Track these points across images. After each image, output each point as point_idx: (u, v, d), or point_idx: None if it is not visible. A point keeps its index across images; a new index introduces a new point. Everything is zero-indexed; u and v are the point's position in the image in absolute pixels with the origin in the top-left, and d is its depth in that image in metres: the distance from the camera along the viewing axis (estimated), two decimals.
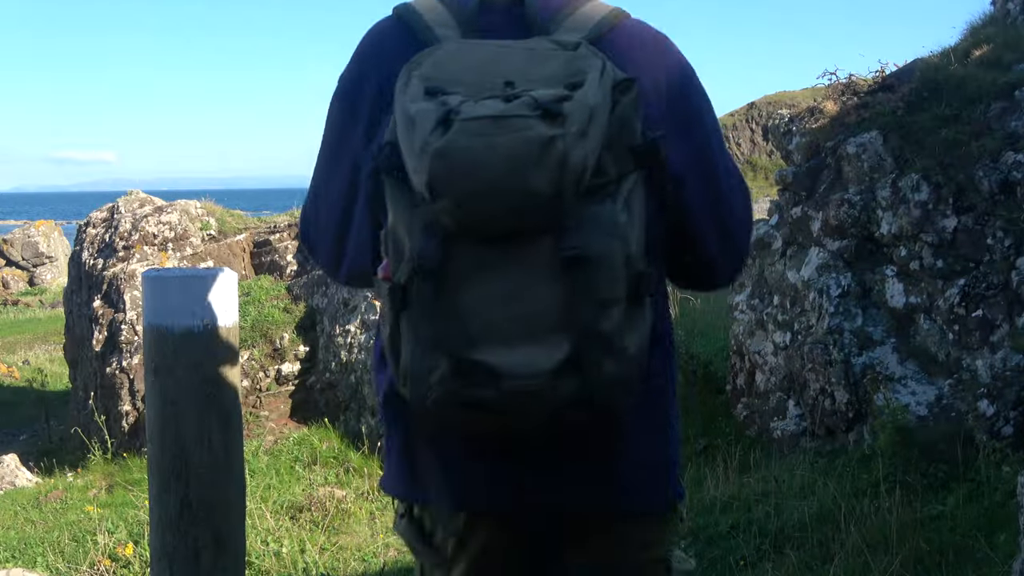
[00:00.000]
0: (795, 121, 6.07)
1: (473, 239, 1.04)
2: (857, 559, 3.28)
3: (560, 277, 1.04)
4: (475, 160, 1.00)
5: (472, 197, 1.01)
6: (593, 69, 1.08)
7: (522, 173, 1.00)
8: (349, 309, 6.29)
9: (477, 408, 1.05)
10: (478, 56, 1.12)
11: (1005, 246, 4.25)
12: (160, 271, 1.77)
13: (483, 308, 1.05)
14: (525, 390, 1.03)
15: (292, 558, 4.19)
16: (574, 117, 1.02)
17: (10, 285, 22.09)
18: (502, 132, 1.00)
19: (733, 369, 5.90)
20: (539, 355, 1.04)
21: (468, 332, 1.04)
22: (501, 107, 1.02)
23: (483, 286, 1.05)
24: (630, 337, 1.08)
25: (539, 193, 1.01)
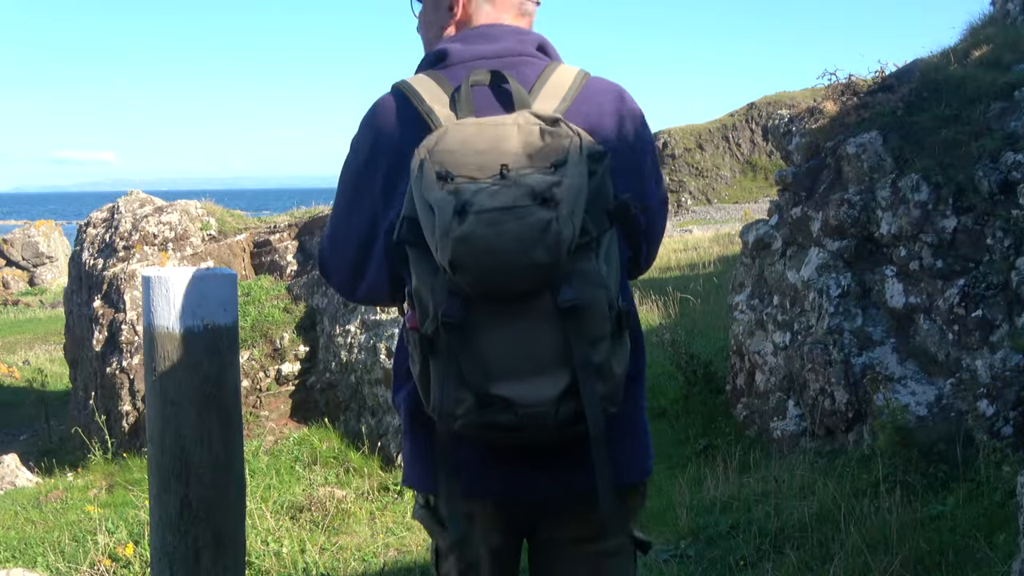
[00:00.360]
0: (795, 121, 6.07)
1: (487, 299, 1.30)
2: (857, 559, 3.28)
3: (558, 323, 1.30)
4: (490, 245, 1.25)
5: (489, 272, 1.27)
6: (573, 148, 1.33)
7: (527, 251, 1.25)
8: (349, 309, 6.29)
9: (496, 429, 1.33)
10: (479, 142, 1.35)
11: (1005, 246, 4.25)
12: (160, 271, 1.77)
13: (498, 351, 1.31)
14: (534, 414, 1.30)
15: (292, 558, 4.19)
16: (565, 200, 1.27)
17: (10, 285, 22.09)
18: (509, 220, 1.25)
19: (733, 369, 5.90)
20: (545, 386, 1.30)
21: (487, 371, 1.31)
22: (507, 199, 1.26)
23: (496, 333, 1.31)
24: (617, 363, 1.35)
25: (541, 264, 1.26)
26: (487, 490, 1.51)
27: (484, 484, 1.50)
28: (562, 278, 1.29)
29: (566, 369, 1.31)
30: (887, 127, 5.07)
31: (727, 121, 43.87)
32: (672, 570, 3.70)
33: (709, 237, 20.89)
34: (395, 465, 5.55)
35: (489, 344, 1.31)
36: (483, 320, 1.31)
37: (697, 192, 42.79)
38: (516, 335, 1.31)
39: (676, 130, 44.56)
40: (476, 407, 1.32)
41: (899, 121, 5.05)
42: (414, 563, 4.17)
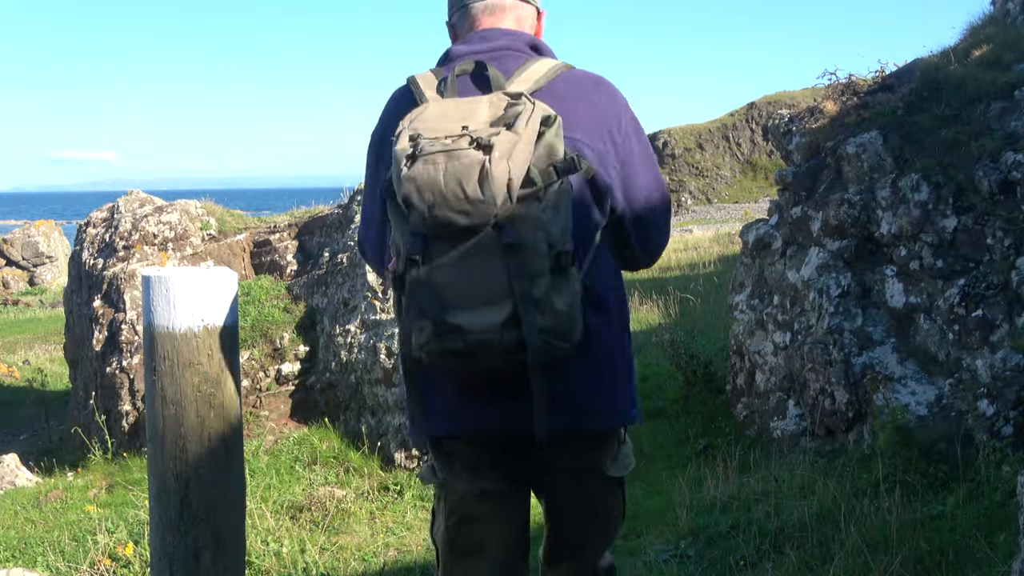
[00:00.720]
0: (795, 121, 6.07)
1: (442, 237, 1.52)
2: (857, 559, 3.28)
3: (503, 260, 1.51)
4: (431, 180, 1.49)
5: (433, 206, 1.49)
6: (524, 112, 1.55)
7: (462, 185, 1.47)
8: (349, 309, 6.29)
9: (452, 355, 1.54)
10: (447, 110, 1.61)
11: (1005, 246, 4.25)
12: (160, 271, 1.77)
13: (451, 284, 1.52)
14: (482, 340, 1.52)
15: (292, 558, 4.19)
16: (498, 146, 1.49)
17: (10, 285, 22.09)
18: (449, 160, 1.49)
19: (733, 369, 5.90)
20: (491, 314, 1.51)
21: (442, 302, 1.53)
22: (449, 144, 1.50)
23: (451, 269, 1.53)
24: (558, 298, 1.54)
25: (475, 199, 1.47)
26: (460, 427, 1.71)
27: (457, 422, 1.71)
28: (507, 220, 1.51)
29: (509, 300, 1.52)
30: (887, 127, 5.07)
31: (727, 121, 43.82)
32: (672, 570, 3.70)
33: (709, 237, 20.88)
34: (395, 465, 5.55)
35: (444, 278, 1.53)
36: (439, 256, 1.54)
37: (697, 192, 42.79)
38: (467, 270, 1.53)
39: (676, 130, 44.54)
40: (434, 335, 1.53)
41: (899, 121, 5.05)
42: (414, 563, 4.17)
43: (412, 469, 5.48)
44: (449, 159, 1.50)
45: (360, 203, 7.05)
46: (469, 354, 1.53)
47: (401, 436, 5.61)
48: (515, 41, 1.82)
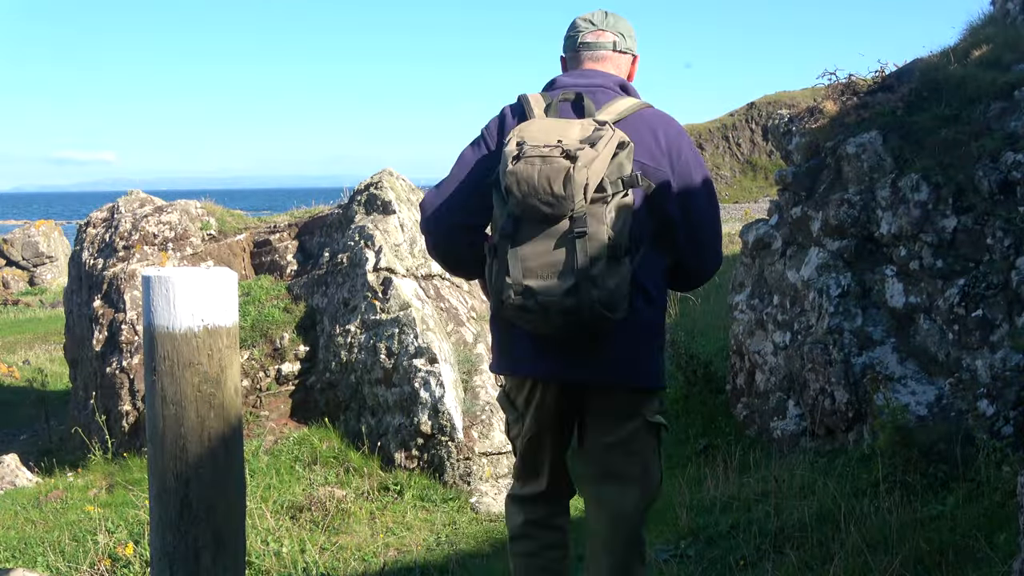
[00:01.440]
0: (795, 121, 6.07)
1: (530, 220, 2.06)
2: (857, 559, 3.28)
3: (571, 242, 2.03)
4: (528, 176, 2.02)
5: (527, 196, 2.03)
6: (607, 136, 2.07)
7: (550, 183, 2.00)
8: (349, 309, 6.29)
9: (525, 311, 2.08)
10: (548, 126, 2.13)
11: (1005, 246, 4.25)
12: (160, 271, 1.77)
13: (531, 258, 2.07)
14: (546, 302, 2.05)
15: (292, 558, 4.19)
16: (583, 158, 2.00)
17: (10, 285, 22.09)
18: (543, 163, 2.01)
19: (733, 369, 5.90)
20: (557, 285, 2.04)
21: (523, 269, 2.07)
22: (545, 151, 2.03)
23: (533, 245, 2.07)
24: (610, 279, 2.05)
25: (559, 195, 2.00)
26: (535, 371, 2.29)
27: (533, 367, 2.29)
28: (580, 215, 2.03)
29: (572, 275, 2.03)
30: (887, 127, 5.07)
31: (727, 121, 43.83)
32: (672, 570, 3.70)
33: None
34: (395, 465, 5.55)
35: (527, 251, 2.08)
36: (525, 235, 2.07)
37: None
38: (545, 248, 2.06)
39: None
40: (513, 294, 2.07)
41: (899, 121, 5.05)
42: (414, 563, 4.17)
43: (412, 469, 5.48)
44: (544, 162, 2.02)
45: (359, 203, 7.04)
46: (536, 311, 2.07)
47: (401, 436, 5.61)
48: (607, 81, 2.36)
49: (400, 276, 6.20)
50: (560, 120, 2.17)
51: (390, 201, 6.86)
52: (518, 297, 2.08)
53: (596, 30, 2.45)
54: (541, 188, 2.01)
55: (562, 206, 2.01)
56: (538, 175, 2.01)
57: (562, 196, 2.00)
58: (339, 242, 6.88)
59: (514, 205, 2.06)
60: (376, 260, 6.25)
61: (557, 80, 2.40)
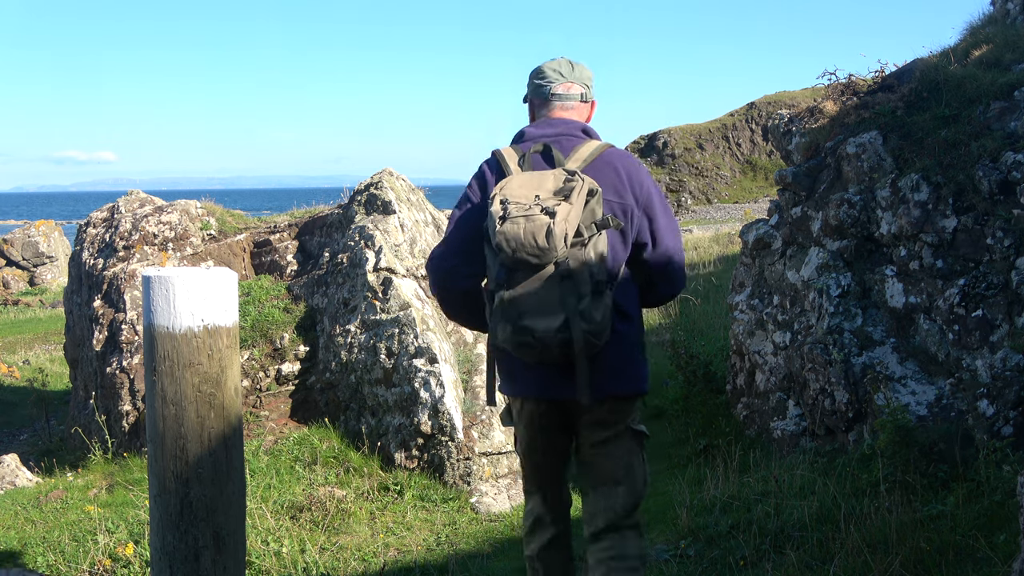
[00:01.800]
0: (795, 121, 6.06)
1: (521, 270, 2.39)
2: (857, 559, 3.28)
3: (558, 284, 2.37)
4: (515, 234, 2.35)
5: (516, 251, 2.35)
6: (578, 187, 2.40)
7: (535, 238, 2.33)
8: (349, 309, 6.29)
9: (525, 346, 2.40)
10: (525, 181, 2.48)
11: (1005, 246, 4.25)
12: (160, 271, 1.77)
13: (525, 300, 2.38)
14: (543, 337, 2.36)
15: (292, 558, 4.19)
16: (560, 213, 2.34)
17: (10, 285, 22.09)
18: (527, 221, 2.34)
19: (733, 369, 5.90)
20: (551, 320, 2.36)
21: (519, 311, 2.38)
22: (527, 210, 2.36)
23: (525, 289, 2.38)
24: (596, 312, 2.38)
25: (543, 247, 2.33)
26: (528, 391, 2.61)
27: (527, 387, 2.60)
28: (563, 259, 2.37)
29: (562, 312, 2.37)
30: (887, 127, 5.07)
31: (727, 121, 43.73)
32: (672, 570, 3.70)
33: (709, 237, 20.85)
34: (395, 465, 5.55)
35: (520, 296, 2.39)
36: (518, 282, 2.40)
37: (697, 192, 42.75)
38: (536, 291, 2.39)
39: (676, 130, 44.48)
40: (512, 332, 2.40)
41: (899, 121, 5.05)
42: (414, 563, 4.17)
43: (412, 469, 5.48)
44: (527, 220, 2.36)
45: (359, 203, 7.05)
46: (536, 346, 2.41)
47: (401, 436, 5.61)
48: (572, 128, 2.69)
49: (400, 276, 6.20)
50: (535, 174, 2.52)
51: (390, 201, 6.86)
52: (516, 335, 2.42)
53: (565, 82, 2.75)
54: (528, 243, 2.36)
55: (547, 256, 2.36)
56: (523, 232, 2.36)
57: (546, 248, 2.35)
58: (339, 242, 6.88)
59: (505, 258, 2.41)
60: (376, 260, 6.25)
61: (526, 132, 2.73)
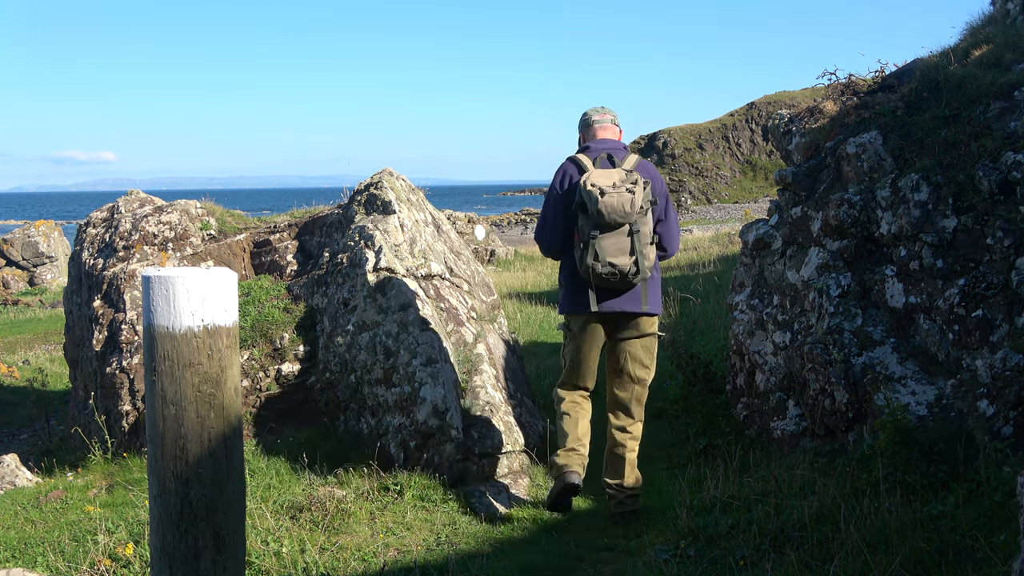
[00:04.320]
0: (795, 121, 6.06)
1: (607, 228, 4.48)
2: (857, 559, 3.28)
3: (632, 237, 4.49)
4: (613, 204, 4.43)
5: (607, 216, 4.45)
6: (640, 180, 4.55)
7: (623, 207, 4.44)
8: (349, 309, 6.29)
9: (609, 276, 4.50)
10: (603, 173, 4.55)
11: (1005, 246, 4.25)
12: (160, 271, 1.77)
13: (608, 247, 4.47)
14: (622, 269, 4.48)
15: (292, 558, 4.19)
16: (636, 192, 4.48)
17: (10, 285, 22.09)
18: (620, 195, 4.44)
19: (733, 369, 5.89)
20: (625, 260, 4.48)
21: (604, 253, 4.47)
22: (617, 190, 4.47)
23: (607, 240, 4.47)
24: (650, 255, 4.55)
25: (627, 213, 4.45)
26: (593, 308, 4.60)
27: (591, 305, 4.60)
28: (634, 222, 4.45)
29: (633, 255, 4.46)
30: (887, 127, 5.07)
31: (727, 121, 43.63)
32: (672, 570, 3.70)
33: (709, 237, 20.83)
34: (395, 465, 5.55)
35: (604, 244, 4.45)
36: (603, 235, 4.45)
37: (697, 192, 42.71)
38: (616, 241, 4.46)
39: (676, 130, 44.45)
40: (602, 267, 4.45)
41: (899, 121, 5.05)
42: (414, 563, 4.17)
43: (412, 469, 5.48)
44: (619, 195, 4.40)
45: (359, 203, 7.05)
46: (616, 275, 4.47)
47: (401, 436, 5.61)
48: (619, 145, 4.82)
49: (400, 276, 6.20)
50: (606, 171, 4.56)
51: (390, 201, 6.86)
52: (603, 267, 4.45)
53: (601, 113, 4.90)
54: (620, 210, 4.41)
55: (628, 218, 4.44)
56: (618, 203, 4.41)
57: (629, 213, 4.43)
58: (339, 242, 6.88)
59: (601, 220, 4.43)
60: (376, 260, 6.25)
61: (591, 145, 4.81)
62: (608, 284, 4.47)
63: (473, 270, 7.52)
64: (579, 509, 5.15)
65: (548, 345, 9.44)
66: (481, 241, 20.18)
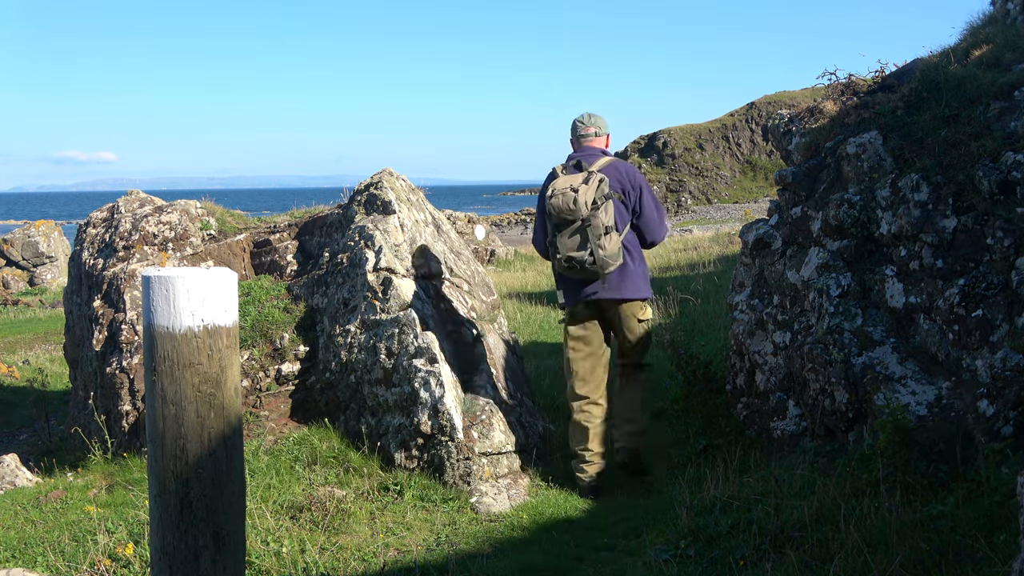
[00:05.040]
0: (795, 121, 6.06)
1: (562, 226, 5.15)
2: (857, 559, 3.28)
3: (583, 232, 5.10)
4: (557, 205, 5.11)
5: (558, 215, 5.12)
6: (593, 179, 5.12)
7: (570, 207, 5.06)
8: (349, 309, 6.29)
9: (570, 269, 5.18)
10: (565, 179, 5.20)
11: (1005, 246, 4.25)
12: (160, 271, 1.77)
13: (565, 243, 5.14)
14: (580, 261, 5.11)
15: (292, 558, 4.19)
16: (581, 192, 5.07)
17: (10, 285, 22.10)
18: (565, 197, 5.08)
19: (733, 369, 5.89)
20: (583, 252, 5.09)
21: (563, 248, 5.14)
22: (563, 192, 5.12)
23: (564, 237, 5.14)
24: (608, 246, 5.10)
25: (574, 211, 5.06)
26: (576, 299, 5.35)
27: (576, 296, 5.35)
28: (587, 216, 5.04)
29: (588, 247, 5.05)
30: (887, 127, 5.07)
31: (727, 121, 43.62)
32: (672, 570, 3.70)
33: (709, 237, 20.83)
34: (395, 465, 5.55)
35: (562, 240, 5.12)
36: (560, 233, 5.13)
37: (697, 192, 42.69)
38: (572, 237, 5.10)
39: (676, 130, 44.43)
40: (562, 260, 5.13)
41: (899, 121, 5.05)
42: (414, 563, 4.17)
43: (412, 469, 5.48)
44: (563, 196, 5.06)
45: (359, 203, 7.06)
46: (577, 267, 5.11)
47: (401, 436, 5.61)
48: (594, 151, 5.40)
49: (400, 276, 6.20)
50: (569, 176, 5.18)
51: (390, 201, 6.86)
52: (565, 261, 5.10)
53: (586, 127, 5.45)
54: (565, 207, 5.04)
55: (576, 215, 5.04)
56: (563, 204, 5.04)
57: (574, 209, 5.03)
58: (339, 242, 6.88)
59: (554, 219, 5.12)
60: (376, 260, 6.25)
61: (570, 156, 5.40)
62: (575, 275, 5.18)
63: (473, 270, 7.52)
64: (579, 509, 5.15)
65: (548, 345, 9.44)
66: (481, 241, 20.18)
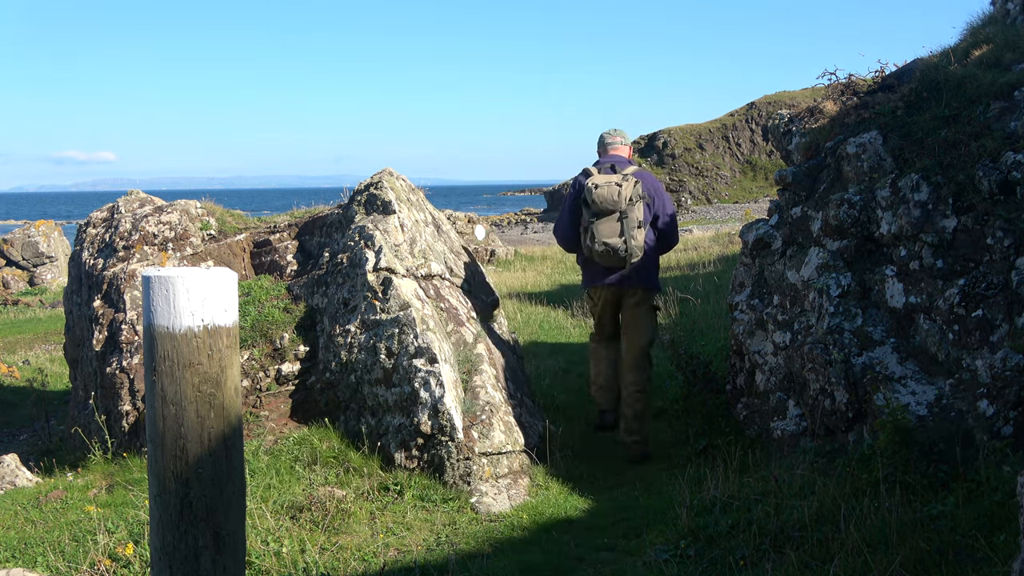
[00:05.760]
0: (795, 121, 6.06)
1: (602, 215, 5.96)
2: (857, 559, 3.28)
3: (621, 222, 5.92)
4: (603, 195, 5.94)
5: (600, 205, 5.96)
6: (630, 180, 5.98)
7: (613, 198, 5.92)
8: (349, 309, 6.29)
9: (604, 255, 5.97)
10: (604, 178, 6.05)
11: (1005, 246, 4.25)
12: (160, 271, 1.77)
13: (603, 230, 5.95)
14: (616, 249, 5.92)
15: (292, 558, 4.19)
16: (624, 187, 5.95)
17: (10, 285, 22.10)
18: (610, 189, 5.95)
19: (733, 369, 5.89)
20: (618, 241, 5.92)
21: (600, 235, 5.94)
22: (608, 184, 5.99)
23: (602, 224, 5.94)
24: (639, 237, 5.96)
25: (616, 202, 5.92)
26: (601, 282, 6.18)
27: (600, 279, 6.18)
28: (624, 209, 5.89)
29: (623, 237, 5.88)
30: (887, 127, 5.07)
31: (727, 121, 43.61)
32: (672, 570, 3.70)
33: (709, 237, 20.83)
34: (395, 465, 5.55)
35: (600, 228, 5.92)
36: (598, 221, 5.93)
37: (697, 192, 42.67)
38: (610, 226, 5.91)
39: (676, 130, 44.41)
40: (599, 247, 5.91)
41: (899, 121, 5.05)
42: (414, 563, 4.17)
43: (412, 469, 5.48)
44: (608, 188, 5.89)
45: (359, 203, 7.05)
46: (611, 253, 5.91)
47: (401, 436, 5.60)
48: (623, 158, 6.28)
49: (400, 276, 6.20)
50: (606, 175, 5.97)
51: (390, 201, 6.86)
52: (600, 247, 5.84)
53: (613, 136, 6.33)
54: (610, 199, 5.84)
55: (617, 207, 5.84)
56: (607, 196, 5.84)
57: (616, 201, 5.83)
58: (339, 242, 6.88)
59: (596, 208, 5.86)
60: (376, 260, 6.25)
61: (601, 159, 6.24)
62: (606, 261, 5.93)
63: (473, 270, 7.52)
64: (579, 509, 5.15)
65: (548, 345, 9.43)
66: (481, 241, 20.18)
